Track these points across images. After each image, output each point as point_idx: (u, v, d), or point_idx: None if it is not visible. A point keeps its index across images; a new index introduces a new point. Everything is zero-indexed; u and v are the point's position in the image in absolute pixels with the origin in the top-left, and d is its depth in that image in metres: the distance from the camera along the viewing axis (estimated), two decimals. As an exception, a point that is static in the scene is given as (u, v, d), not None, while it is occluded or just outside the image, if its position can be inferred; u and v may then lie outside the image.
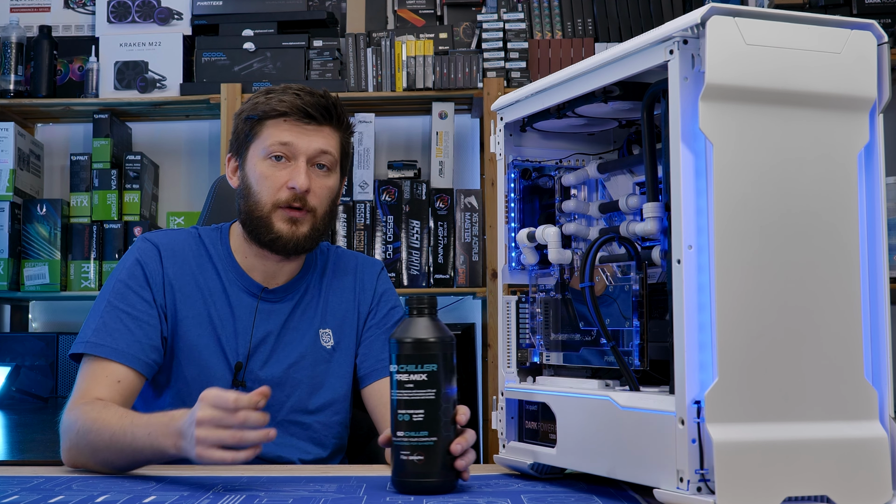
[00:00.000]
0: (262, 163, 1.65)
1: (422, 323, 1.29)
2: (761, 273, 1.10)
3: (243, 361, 1.67)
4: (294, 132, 1.64)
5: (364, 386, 1.75)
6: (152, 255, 1.68)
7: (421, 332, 1.28)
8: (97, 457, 1.47)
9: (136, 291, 1.65)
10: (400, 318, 1.79)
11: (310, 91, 1.67)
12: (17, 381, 3.10)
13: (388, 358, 1.70)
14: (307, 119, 1.64)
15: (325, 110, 1.65)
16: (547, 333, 1.41)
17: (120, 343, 1.60)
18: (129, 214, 3.17)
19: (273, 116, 1.64)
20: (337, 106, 1.68)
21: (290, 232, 1.64)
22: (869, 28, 1.17)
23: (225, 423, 1.28)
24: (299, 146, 1.64)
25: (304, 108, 1.63)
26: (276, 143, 1.63)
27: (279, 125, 1.64)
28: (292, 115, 1.63)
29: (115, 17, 3.19)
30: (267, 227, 1.64)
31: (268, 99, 1.66)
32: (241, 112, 1.71)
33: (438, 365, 1.26)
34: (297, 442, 1.70)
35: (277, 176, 1.64)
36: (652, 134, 1.25)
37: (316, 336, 1.73)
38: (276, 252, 1.67)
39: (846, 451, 1.11)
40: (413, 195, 3.09)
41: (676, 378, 1.10)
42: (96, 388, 1.57)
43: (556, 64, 3.12)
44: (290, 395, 1.70)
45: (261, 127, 1.66)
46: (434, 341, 1.27)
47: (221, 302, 1.69)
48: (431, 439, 1.26)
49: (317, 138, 1.65)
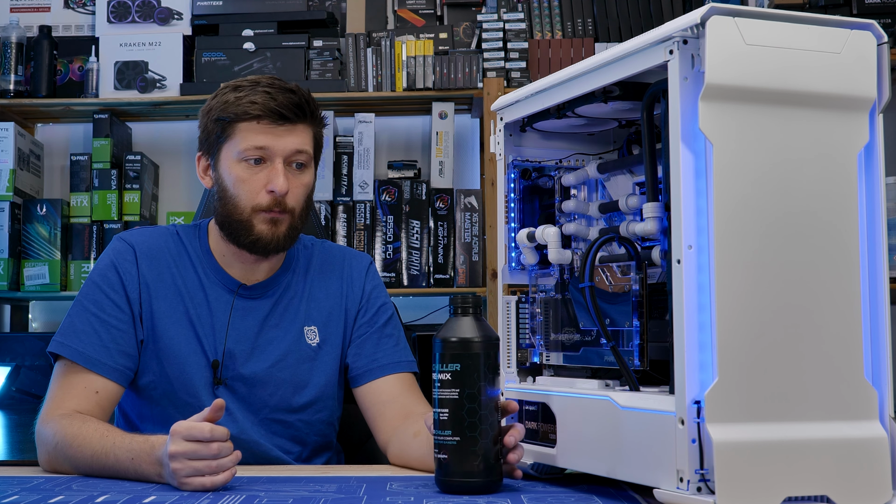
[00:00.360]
0: (238, 165, 1.62)
1: (456, 322, 1.29)
2: (761, 273, 1.10)
3: (220, 359, 1.65)
4: (268, 134, 1.60)
5: (356, 386, 1.73)
6: (127, 256, 1.67)
7: (449, 332, 1.28)
8: (77, 470, 1.47)
9: (108, 295, 1.64)
10: (391, 316, 1.78)
11: (280, 87, 1.62)
12: (17, 381, 3.10)
13: (381, 358, 1.72)
14: (281, 120, 1.61)
15: (298, 108, 1.62)
16: (547, 333, 1.41)
17: (88, 348, 1.59)
18: (129, 214, 3.17)
19: (245, 119, 1.61)
20: (310, 102, 1.65)
21: (270, 233, 1.62)
22: (869, 28, 1.17)
23: (199, 455, 1.30)
24: (275, 148, 1.61)
25: (277, 111, 1.60)
26: (251, 148, 1.60)
27: (252, 128, 1.60)
28: (266, 117, 1.60)
29: (115, 17, 3.19)
30: (247, 230, 1.62)
31: (238, 99, 1.61)
32: (208, 110, 1.66)
33: (463, 364, 1.25)
34: (278, 440, 1.69)
35: (255, 179, 1.61)
36: (652, 134, 1.25)
37: (300, 333, 1.71)
38: (256, 253, 1.66)
39: (846, 451, 1.11)
40: (413, 195, 3.09)
41: (676, 378, 1.10)
42: (73, 399, 1.56)
43: (556, 64, 3.12)
44: (273, 393, 1.68)
45: (233, 129, 1.62)
46: (456, 341, 1.26)
47: (199, 299, 1.68)
48: (455, 439, 1.25)
49: (291, 138, 1.62)
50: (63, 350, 1.59)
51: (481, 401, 1.25)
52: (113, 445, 1.42)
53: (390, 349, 1.74)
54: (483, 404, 1.25)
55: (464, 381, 1.25)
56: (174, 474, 1.30)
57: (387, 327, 1.76)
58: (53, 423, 1.51)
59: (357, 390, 1.74)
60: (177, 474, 1.30)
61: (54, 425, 1.50)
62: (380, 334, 1.75)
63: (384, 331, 1.75)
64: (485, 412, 1.26)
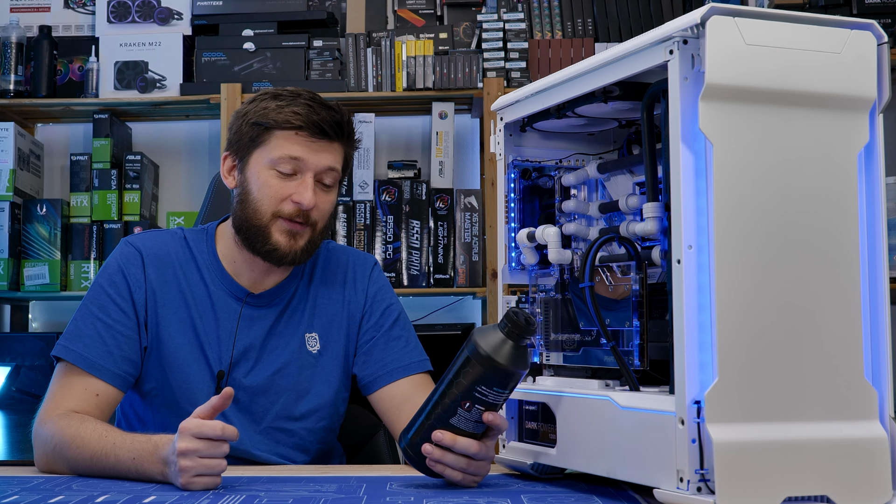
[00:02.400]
0: (267, 171, 1.59)
1: (511, 348, 1.28)
2: (761, 273, 1.10)
3: (226, 370, 1.63)
4: (305, 147, 1.59)
5: (369, 393, 1.71)
6: (135, 261, 1.65)
7: (505, 359, 1.27)
8: (75, 471, 1.46)
9: (114, 300, 1.62)
10: (397, 317, 1.75)
11: (322, 103, 1.61)
12: (17, 381, 3.10)
13: (390, 363, 1.70)
14: (320, 135, 1.59)
15: (338, 127, 1.60)
16: (547, 333, 1.41)
17: (92, 353, 1.58)
18: (129, 214, 3.17)
19: (285, 128, 1.59)
20: (349, 123, 1.63)
21: (287, 245, 1.60)
22: (869, 28, 1.17)
23: (209, 453, 1.29)
24: (309, 162, 1.59)
25: (319, 125, 1.58)
26: (285, 157, 1.58)
27: (290, 137, 1.58)
28: (306, 129, 1.58)
29: (115, 17, 3.19)
30: (264, 237, 1.60)
31: (279, 107, 1.59)
32: (245, 113, 1.63)
33: (500, 383, 1.28)
34: (282, 448, 1.67)
35: (282, 187, 1.59)
36: (652, 134, 1.25)
37: (302, 341, 1.69)
38: (270, 262, 1.63)
39: (846, 451, 1.11)
40: (413, 195, 3.09)
41: (676, 378, 1.10)
42: (72, 399, 1.55)
43: (556, 64, 3.12)
44: (274, 401, 1.66)
45: (269, 135, 1.59)
46: (509, 370, 1.27)
47: (205, 307, 1.65)
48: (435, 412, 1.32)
49: (326, 155, 1.60)
50: (67, 354, 1.58)
51: (476, 407, 1.28)
52: (113, 446, 1.41)
53: (399, 351, 1.71)
54: (474, 410, 1.28)
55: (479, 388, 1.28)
56: (181, 472, 1.29)
57: (394, 329, 1.73)
58: (52, 424, 1.50)
59: (371, 397, 1.71)
60: (184, 472, 1.29)
61: (52, 426, 1.49)
62: (387, 338, 1.72)
63: (391, 333, 1.72)
64: (466, 414, 1.28)
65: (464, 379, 1.27)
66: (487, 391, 1.26)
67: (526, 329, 1.25)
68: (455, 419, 1.28)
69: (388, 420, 1.69)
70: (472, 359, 1.26)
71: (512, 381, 1.27)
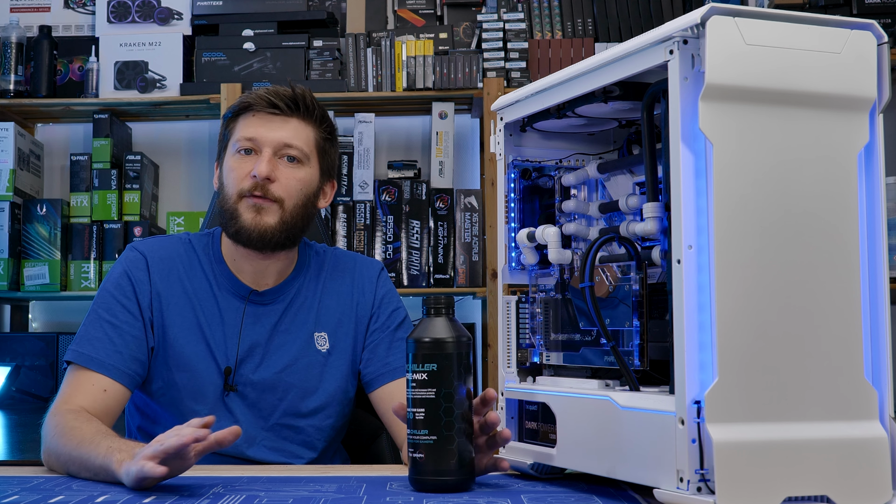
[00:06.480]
0: (232, 157, 1.67)
1: (429, 323, 1.29)
2: (761, 273, 1.10)
3: (233, 366, 1.66)
4: (260, 125, 1.66)
5: (371, 391, 1.74)
6: (139, 265, 1.68)
7: (423, 332, 1.28)
8: (61, 462, 1.46)
9: (121, 303, 1.65)
10: (403, 320, 1.78)
11: (283, 86, 1.69)
12: (17, 381, 3.10)
13: (393, 361, 1.72)
14: (272, 109, 1.65)
15: (290, 101, 1.66)
16: (547, 333, 1.41)
17: (101, 353, 1.60)
18: (129, 214, 3.17)
19: (242, 112, 1.68)
20: (305, 97, 1.68)
21: (253, 221, 1.63)
22: (869, 28, 1.17)
23: (169, 456, 1.23)
24: (264, 138, 1.65)
25: (267, 98, 1.65)
26: (242, 138, 1.66)
27: (248, 120, 1.67)
28: (257, 106, 1.65)
29: (115, 17, 3.19)
30: (233, 217, 1.64)
31: (242, 98, 1.70)
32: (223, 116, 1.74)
33: (439, 365, 1.26)
34: (289, 445, 1.69)
35: (243, 167, 1.65)
36: (652, 134, 1.25)
37: (310, 339, 1.72)
38: (243, 244, 1.66)
39: (846, 451, 1.11)
40: (413, 195, 3.09)
41: (676, 378, 1.10)
42: (81, 396, 1.57)
43: (556, 64, 3.12)
44: (282, 398, 1.68)
45: (234, 124, 1.69)
46: (429, 341, 1.27)
47: (210, 306, 1.69)
48: (431, 438, 1.26)
49: (282, 130, 1.66)
50: (77, 358, 1.61)
51: (457, 400, 1.27)
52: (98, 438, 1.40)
53: (402, 352, 1.73)
54: (458, 403, 1.27)
55: (440, 380, 1.26)
56: (138, 455, 1.24)
57: (399, 331, 1.76)
58: (58, 416, 1.52)
59: (372, 395, 1.74)
60: (141, 453, 1.24)
61: (58, 417, 1.52)
62: (392, 338, 1.75)
63: (396, 335, 1.76)
64: (460, 411, 1.27)
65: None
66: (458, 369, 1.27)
67: (437, 300, 1.28)
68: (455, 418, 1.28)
69: (387, 419, 1.71)
70: (429, 355, 1.27)
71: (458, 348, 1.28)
